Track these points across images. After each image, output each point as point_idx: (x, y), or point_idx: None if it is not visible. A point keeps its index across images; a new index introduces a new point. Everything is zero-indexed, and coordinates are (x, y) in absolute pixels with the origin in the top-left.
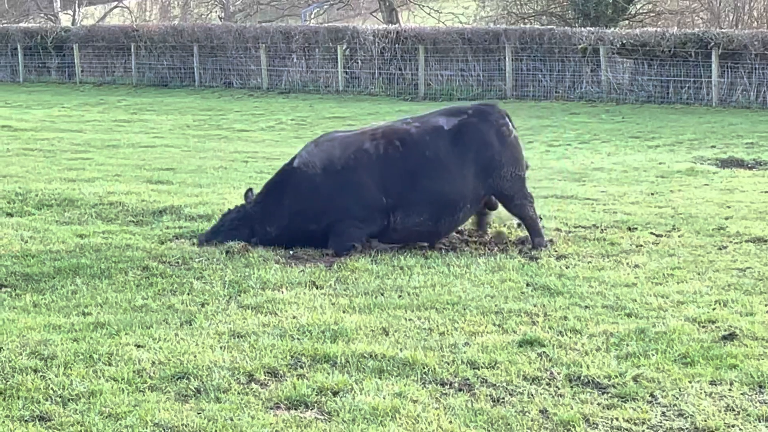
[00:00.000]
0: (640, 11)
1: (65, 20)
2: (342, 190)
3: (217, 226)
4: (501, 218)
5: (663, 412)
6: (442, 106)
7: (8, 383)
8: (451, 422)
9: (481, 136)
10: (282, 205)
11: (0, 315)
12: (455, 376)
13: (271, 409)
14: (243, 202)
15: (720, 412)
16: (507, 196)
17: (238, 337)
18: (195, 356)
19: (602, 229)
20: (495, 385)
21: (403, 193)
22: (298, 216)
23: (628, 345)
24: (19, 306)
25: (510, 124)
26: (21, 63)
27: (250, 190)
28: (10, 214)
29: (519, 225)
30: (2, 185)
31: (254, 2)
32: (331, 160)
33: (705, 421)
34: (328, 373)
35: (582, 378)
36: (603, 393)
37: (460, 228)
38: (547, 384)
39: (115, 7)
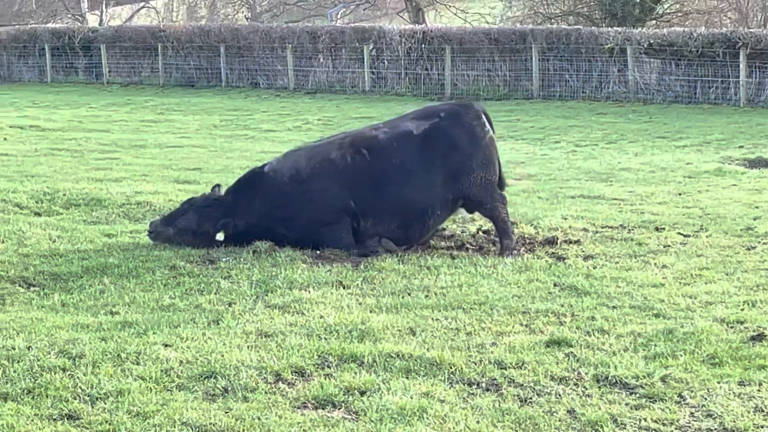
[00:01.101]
0: (668, 11)
1: (92, 21)
2: (309, 198)
3: (177, 211)
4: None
5: (691, 413)
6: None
7: (37, 382)
8: (478, 422)
9: (451, 141)
10: (252, 204)
11: (29, 314)
12: (482, 376)
13: (299, 408)
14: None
15: (749, 412)
16: (477, 202)
17: (265, 336)
18: (222, 355)
19: (630, 230)
20: (522, 385)
21: (371, 200)
22: (267, 217)
23: (656, 345)
24: (48, 305)
25: (485, 124)
26: (49, 63)
27: (217, 185)
28: (39, 214)
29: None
30: (30, 185)
31: (281, 2)
32: (298, 170)
33: (733, 421)
34: (356, 373)
35: (610, 378)
36: (631, 393)
37: (486, 228)
38: (575, 384)
39: (143, 7)
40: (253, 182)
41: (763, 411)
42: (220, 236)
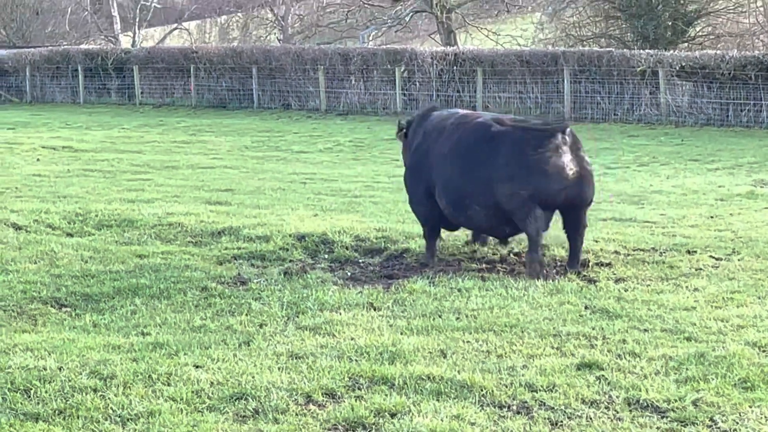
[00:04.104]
0: (700, 34)
1: (125, 42)
2: None
3: None
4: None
5: None
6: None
7: (68, 403)
8: None
9: None
10: None
11: (60, 335)
12: (513, 399)
13: (329, 430)
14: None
15: None
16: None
17: (296, 358)
18: (253, 377)
19: (661, 252)
20: (553, 408)
21: None
22: None
23: (687, 369)
24: (79, 326)
25: None
26: (81, 84)
27: None
28: (71, 234)
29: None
30: (63, 205)
31: (313, 24)
32: None
33: None
34: (386, 395)
35: (641, 402)
36: (662, 417)
37: (517, 250)
38: (606, 407)
39: (175, 29)
40: None
41: None
42: None
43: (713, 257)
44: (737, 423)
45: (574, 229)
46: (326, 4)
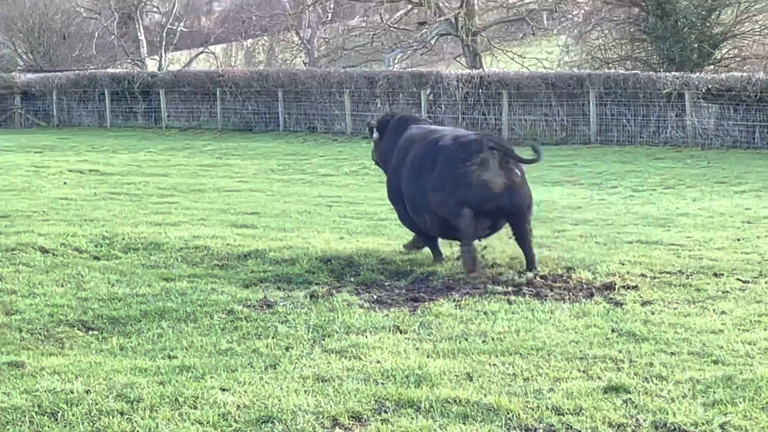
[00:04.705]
0: (726, 56)
1: (152, 65)
2: None
3: None
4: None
5: None
6: (526, 152)
7: (95, 426)
8: None
9: None
10: None
11: (87, 358)
12: (540, 422)
13: None
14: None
15: None
16: None
17: (322, 381)
18: (280, 400)
19: (688, 275)
20: (580, 431)
21: None
22: None
23: (714, 392)
24: (106, 349)
25: None
26: (108, 108)
27: None
28: (97, 258)
29: None
30: (89, 229)
31: (338, 47)
32: None
33: None
34: (413, 418)
35: (668, 425)
36: None
37: (543, 273)
38: (633, 431)
39: (201, 52)
40: None
41: None
42: None
43: (740, 280)
44: None
45: (519, 235)
46: (352, 27)
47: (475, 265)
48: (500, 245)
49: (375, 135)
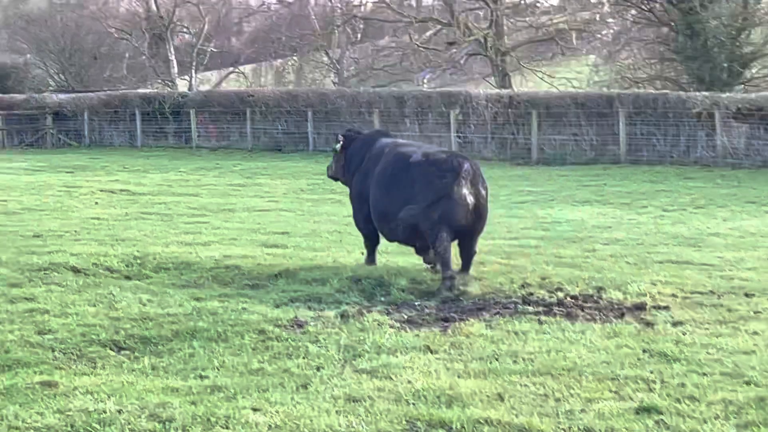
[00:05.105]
0: (756, 75)
1: (182, 86)
2: None
3: None
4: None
5: None
6: (555, 171)
7: None
8: None
9: None
10: None
11: (119, 377)
12: None
13: None
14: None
15: None
16: None
17: (353, 401)
18: (311, 420)
19: (719, 296)
20: None
21: None
22: None
23: (747, 413)
24: (138, 368)
25: None
26: (139, 128)
27: None
28: (129, 278)
29: None
30: (121, 248)
31: (368, 67)
32: None
33: None
34: None
35: None
36: None
37: (573, 293)
38: None
39: (231, 72)
40: None
41: None
42: None
43: None
44: None
45: (465, 248)
46: (381, 47)
47: (453, 284)
48: (531, 266)
49: (338, 146)
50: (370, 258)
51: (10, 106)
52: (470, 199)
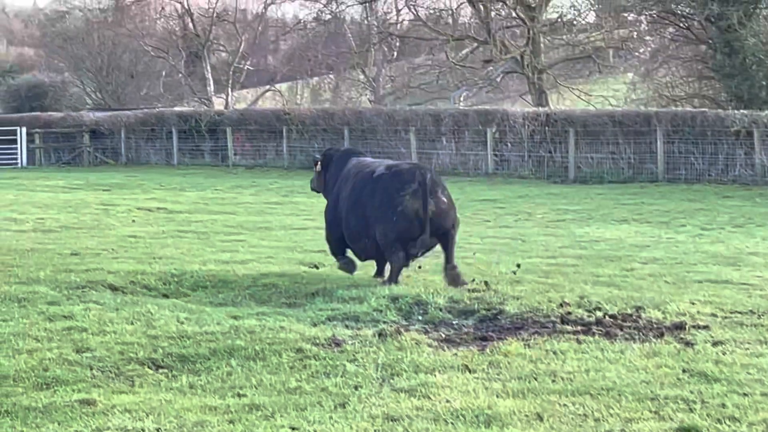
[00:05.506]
0: None
1: (218, 104)
2: None
3: None
4: None
5: None
6: (593, 190)
7: None
8: None
9: None
10: None
11: (157, 396)
12: None
13: None
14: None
15: None
16: None
17: (391, 420)
18: None
19: (759, 315)
20: None
21: None
22: None
23: None
24: (176, 387)
25: None
26: (176, 146)
27: None
28: (166, 296)
29: None
30: (158, 266)
31: (404, 85)
32: None
33: None
34: None
35: None
36: None
37: (612, 312)
38: None
39: (267, 90)
40: None
41: None
42: None
43: None
44: None
45: (444, 245)
46: (417, 65)
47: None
48: (569, 285)
49: (318, 167)
50: (343, 264)
51: (48, 124)
52: (430, 208)
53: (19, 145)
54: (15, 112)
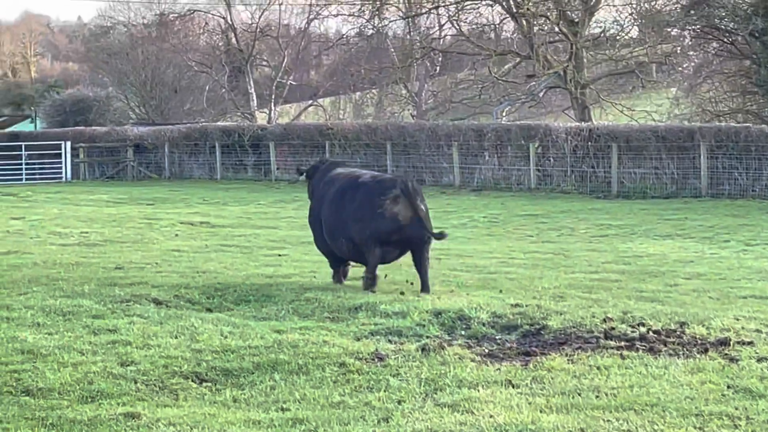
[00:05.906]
0: None
1: (261, 118)
2: None
3: None
4: None
5: None
6: (636, 205)
7: None
8: None
9: None
10: None
11: (201, 409)
12: None
13: None
14: (437, 298)
15: None
16: None
17: None
18: None
19: None
20: None
21: None
22: None
23: None
24: (220, 401)
25: None
26: (218, 160)
27: None
28: (210, 310)
29: None
30: (202, 280)
31: (446, 100)
32: None
33: None
34: None
35: None
36: None
37: (656, 328)
38: None
39: (310, 105)
40: None
41: None
42: None
43: None
44: None
45: (418, 262)
46: (460, 80)
47: (374, 287)
48: (612, 300)
49: (302, 177)
50: (335, 278)
51: (92, 139)
52: (408, 213)
53: (63, 160)
54: (60, 126)
